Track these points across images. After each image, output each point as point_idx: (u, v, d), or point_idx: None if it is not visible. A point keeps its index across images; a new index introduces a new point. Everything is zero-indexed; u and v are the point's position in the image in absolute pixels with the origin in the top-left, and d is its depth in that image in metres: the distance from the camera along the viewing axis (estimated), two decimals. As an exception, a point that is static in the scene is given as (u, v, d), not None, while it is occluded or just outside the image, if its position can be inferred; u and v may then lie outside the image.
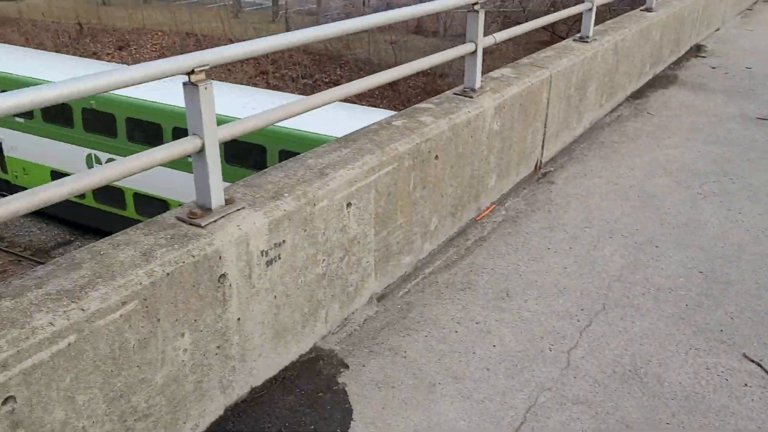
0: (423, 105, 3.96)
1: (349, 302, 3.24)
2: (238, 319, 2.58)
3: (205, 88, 2.36)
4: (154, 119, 15.64)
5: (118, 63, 25.97)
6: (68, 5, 30.14)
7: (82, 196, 16.54)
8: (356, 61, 24.87)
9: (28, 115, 17.61)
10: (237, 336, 2.59)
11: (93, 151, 17.20)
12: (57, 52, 26.22)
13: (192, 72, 2.33)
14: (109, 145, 16.75)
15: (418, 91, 23.21)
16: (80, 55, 26.23)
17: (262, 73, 24.73)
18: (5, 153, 18.60)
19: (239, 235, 2.50)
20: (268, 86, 23.97)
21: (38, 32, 27.81)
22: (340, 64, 25.15)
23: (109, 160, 16.73)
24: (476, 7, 3.94)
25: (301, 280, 2.86)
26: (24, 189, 8.74)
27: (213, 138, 2.45)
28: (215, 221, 2.49)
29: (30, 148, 17.95)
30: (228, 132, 2.58)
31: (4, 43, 27.79)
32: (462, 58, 4.10)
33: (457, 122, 3.81)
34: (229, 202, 2.61)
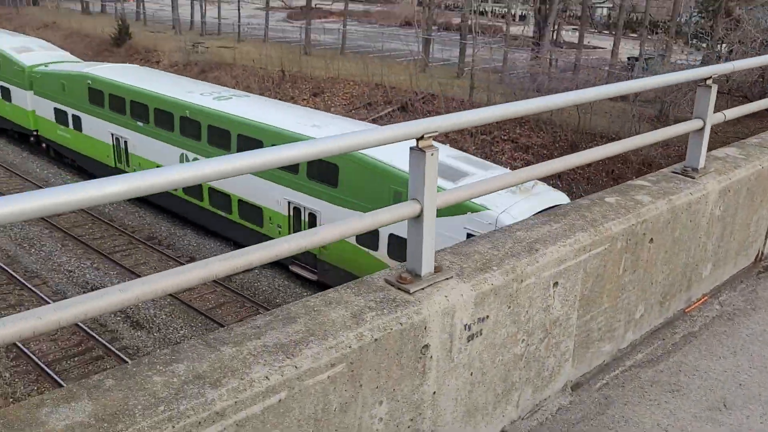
0: (638, 182, 3.68)
1: (543, 387, 3.01)
2: (434, 392, 2.47)
3: (432, 155, 2.34)
4: (225, 126, 18.85)
5: (312, 108, 27.90)
6: (275, 54, 33.10)
7: (201, 198, 20.17)
8: (537, 121, 24.55)
9: (145, 119, 21.49)
10: (430, 410, 2.48)
11: (185, 152, 20.11)
12: (261, 94, 28.78)
13: (421, 137, 2.33)
14: (196, 147, 19.68)
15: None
16: (280, 98, 28.56)
17: (442, 126, 25.34)
18: (129, 150, 22.27)
19: (446, 306, 2.41)
20: (446, 138, 24.41)
21: (247, 76, 30.80)
22: (520, 122, 24.98)
23: (194, 159, 19.35)
24: (709, 82, 3.63)
25: (499, 359, 2.71)
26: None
27: (432, 205, 2.41)
28: (423, 289, 2.43)
29: (145, 147, 21.52)
30: (445, 199, 2.53)
31: (216, 83, 31.10)
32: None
33: (677, 204, 3.48)
34: (437, 269, 2.54)
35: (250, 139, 18.03)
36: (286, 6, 52.33)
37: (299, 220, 17.63)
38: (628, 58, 32.61)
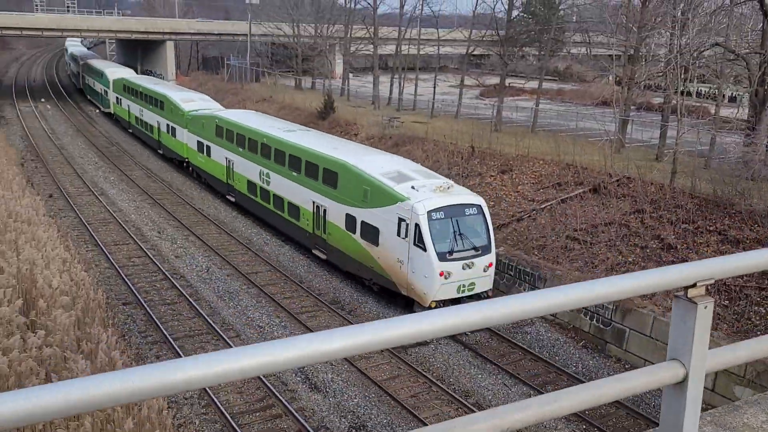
0: None
1: None
2: None
3: (705, 308, 1.91)
4: (283, 149, 25.93)
5: (499, 185, 27.80)
6: (466, 130, 33.76)
7: (269, 202, 27.18)
8: (750, 213, 22.17)
9: (242, 146, 29.08)
10: None
11: (262, 168, 27.32)
12: (449, 168, 29.31)
13: (693, 285, 1.91)
14: (267, 164, 26.88)
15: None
16: (467, 174, 28.84)
17: (637, 211, 23.79)
18: (234, 169, 30.10)
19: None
20: (643, 225, 22.87)
21: (437, 150, 31.64)
22: (729, 213, 22.73)
23: (267, 173, 27.05)
24: None
25: None
26: (235, 191, 28.52)
27: (701, 369, 1.95)
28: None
29: (241, 166, 29.27)
30: (716, 362, 2.07)
31: (407, 156, 32.28)
32: None
33: None
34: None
35: (295, 157, 25.10)
36: (480, 84, 53.59)
37: (318, 214, 23.60)
38: None
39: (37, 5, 74.73)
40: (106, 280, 21.65)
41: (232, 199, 30.80)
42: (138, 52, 76.00)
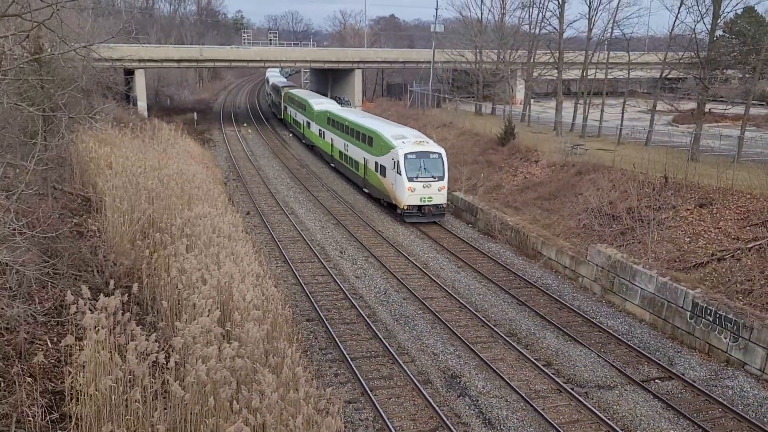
0: None
1: None
2: None
3: None
4: (355, 128, 39.85)
5: (695, 219, 25.44)
6: (658, 159, 31.40)
7: (346, 161, 42.79)
8: None
9: (337, 128, 44.05)
10: None
11: (346, 142, 41.58)
12: (639, 200, 27.40)
13: None
14: (348, 138, 41.25)
15: None
16: (659, 207, 26.74)
17: None
18: (333, 144, 45.11)
19: None
20: None
21: (625, 180, 29.74)
22: None
23: (346, 144, 41.66)
24: None
25: None
26: (321, 150, 50.75)
27: None
28: None
29: (336, 140, 44.17)
30: None
31: (591, 186, 30.69)
32: None
33: None
34: None
35: (356, 131, 39.69)
36: (674, 109, 49.85)
37: (365, 165, 37.50)
38: None
39: (244, 41, 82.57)
40: (293, 295, 22.90)
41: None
42: (329, 79, 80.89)
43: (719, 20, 36.37)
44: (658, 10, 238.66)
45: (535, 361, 18.56)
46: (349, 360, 18.14)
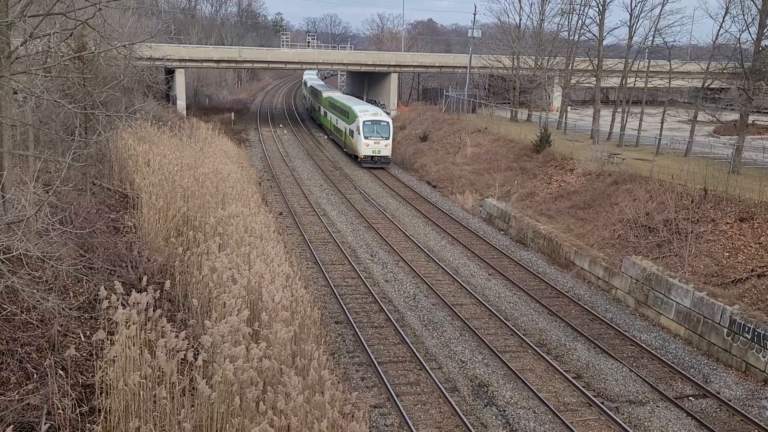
0: None
1: None
2: None
3: None
4: (340, 107, 56.72)
5: (735, 234, 24.78)
6: (697, 170, 30.69)
7: (332, 127, 61.69)
8: None
9: (333, 109, 60.07)
10: None
11: (337, 118, 56.86)
12: (677, 212, 26.80)
13: None
14: (338, 116, 57.24)
15: None
16: (697, 220, 26.09)
17: None
18: (332, 122, 59.62)
19: None
20: None
21: (663, 192, 29.11)
22: None
23: (337, 120, 57.44)
24: None
25: None
26: (326, 127, 67.08)
27: None
28: None
29: (334, 118, 59.07)
30: None
31: (628, 196, 30.12)
32: None
33: None
34: None
35: (340, 108, 56.13)
36: (716, 120, 48.74)
37: (344, 132, 52.98)
38: None
39: (283, 42, 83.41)
40: (322, 297, 22.94)
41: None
42: (365, 82, 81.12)
43: (765, 30, 35.44)
44: (702, 19, 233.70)
45: (564, 373, 18.25)
46: (376, 364, 18.09)
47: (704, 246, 24.65)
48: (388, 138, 48.63)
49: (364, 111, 50.39)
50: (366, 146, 48.36)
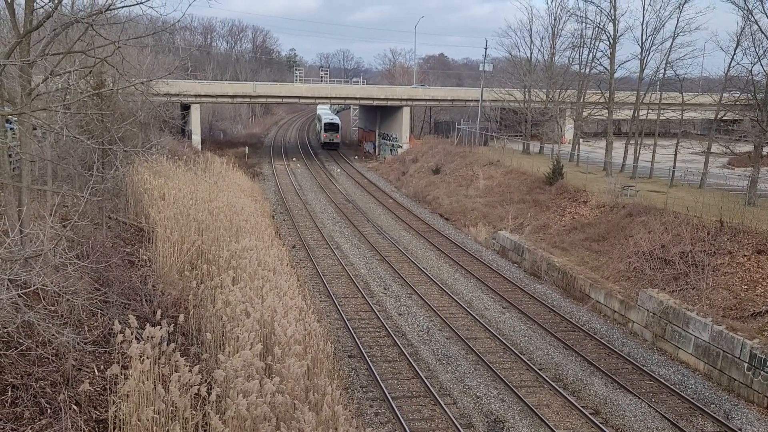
0: None
1: None
2: None
3: None
4: (320, 118, 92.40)
5: (753, 266, 24.47)
6: (713, 202, 30.50)
7: (317, 133, 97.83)
8: None
9: (318, 121, 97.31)
10: None
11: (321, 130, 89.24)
12: (693, 244, 26.54)
13: None
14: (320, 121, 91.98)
15: None
16: (714, 252, 25.82)
17: None
18: (318, 131, 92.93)
19: None
20: None
21: (678, 224, 28.89)
22: None
23: (320, 129, 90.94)
24: None
25: None
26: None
27: None
28: None
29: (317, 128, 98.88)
30: None
31: (643, 228, 29.91)
32: None
33: None
34: None
35: (319, 118, 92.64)
36: (730, 152, 48.53)
37: (320, 131, 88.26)
38: None
39: (296, 77, 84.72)
40: (335, 331, 22.83)
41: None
42: (377, 116, 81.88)
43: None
44: (713, 51, 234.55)
45: (582, 409, 17.94)
46: (390, 399, 17.88)
47: (722, 279, 24.35)
48: (338, 131, 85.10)
49: (326, 116, 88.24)
50: (325, 138, 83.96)
